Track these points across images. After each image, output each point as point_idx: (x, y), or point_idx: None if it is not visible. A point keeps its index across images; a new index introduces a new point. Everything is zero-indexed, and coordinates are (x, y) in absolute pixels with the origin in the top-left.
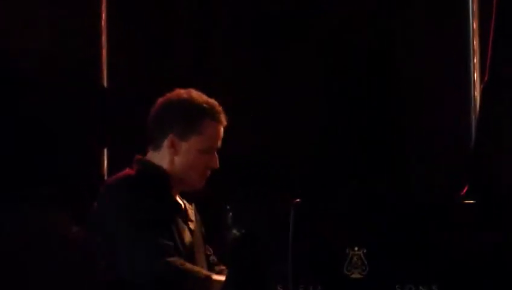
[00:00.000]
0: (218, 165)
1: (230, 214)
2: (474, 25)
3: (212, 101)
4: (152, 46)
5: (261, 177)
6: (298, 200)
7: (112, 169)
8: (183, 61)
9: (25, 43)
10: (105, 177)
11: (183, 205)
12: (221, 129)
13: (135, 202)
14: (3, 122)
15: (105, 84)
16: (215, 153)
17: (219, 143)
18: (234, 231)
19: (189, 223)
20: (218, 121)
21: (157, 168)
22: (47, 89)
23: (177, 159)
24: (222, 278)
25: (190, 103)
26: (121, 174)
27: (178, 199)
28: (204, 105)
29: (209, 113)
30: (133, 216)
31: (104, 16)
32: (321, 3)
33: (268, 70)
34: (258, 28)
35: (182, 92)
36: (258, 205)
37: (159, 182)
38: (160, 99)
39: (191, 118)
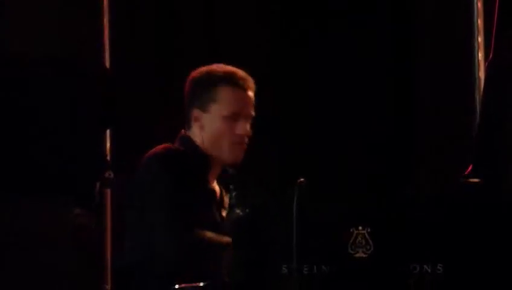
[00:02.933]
0: (248, 132)
1: (234, 193)
2: (478, 4)
3: (235, 69)
4: (156, 26)
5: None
6: (302, 179)
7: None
8: (188, 41)
9: (28, 44)
10: (108, 159)
11: (218, 192)
12: (243, 94)
13: (170, 178)
14: (10, 119)
15: (107, 65)
16: (244, 120)
17: (246, 109)
18: (238, 211)
19: (222, 210)
20: (235, 85)
21: (197, 148)
22: (32, 83)
23: (205, 133)
24: None
25: (207, 74)
26: (161, 146)
27: (215, 184)
28: (221, 73)
29: (224, 79)
30: (166, 191)
31: (105, 16)
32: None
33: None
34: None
35: (209, 66)
36: (262, 184)
37: (199, 163)
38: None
39: (206, 87)
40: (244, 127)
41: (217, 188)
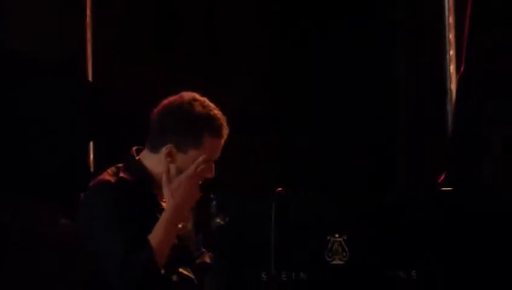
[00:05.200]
0: (213, 175)
1: (214, 202)
2: (450, 19)
3: (215, 111)
4: (156, 26)
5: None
6: (280, 189)
7: (98, 161)
8: (188, 41)
9: (28, 44)
10: (91, 169)
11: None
12: (222, 142)
13: (112, 209)
14: (10, 119)
15: (90, 78)
16: (212, 163)
17: (218, 155)
18: (218, 220)
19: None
20: (219, 136)
21: (147, 176)
22: (32, 84)
23: (173, 168)
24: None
25: (192, 114)
26: (105, 176)
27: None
28: (207, 118)
29: (210, 128)
30: (108, 219)
31: (88, 11)
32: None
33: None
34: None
35: (185, 99)
36: (242, 194)
37: (145, 189)
38: (164, 102)
39: (191, 131)
40: (212, 171)
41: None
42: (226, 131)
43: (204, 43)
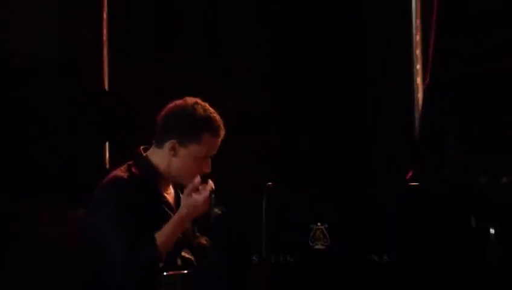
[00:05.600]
0: (210, 170)
1: (213, 195)
2: (417, 37)
3: (214, 114)
4: (156, 26)
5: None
6: (270, 183)
7: (113, 159)
8: (188, 41)
9: (28, 44)
10: (107, 167)
11: (172, 197)
12: (219, 141)
13: (124, 206)
14: (11, 119)
15: (106, 82)
16: (209, 159)
17: (214, 152)
18: (216, 210)
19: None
20: (217, 136)
21: (153, 170)
22: (49, 87)
23: (175, 161)
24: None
25: (194, 115)
26: (115, 174)
27: (170, 189)
28: (206, 119)
29: (209, 128)
30: (118, 216)
31: (105, 16)
32: None
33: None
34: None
35: (188, 102)
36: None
37: (150, 183)
38: (170, 105)
39: (192, 129)
40: (209, 167)
41: (171, 193)
42: (222, 132)
43: (204, 43)
